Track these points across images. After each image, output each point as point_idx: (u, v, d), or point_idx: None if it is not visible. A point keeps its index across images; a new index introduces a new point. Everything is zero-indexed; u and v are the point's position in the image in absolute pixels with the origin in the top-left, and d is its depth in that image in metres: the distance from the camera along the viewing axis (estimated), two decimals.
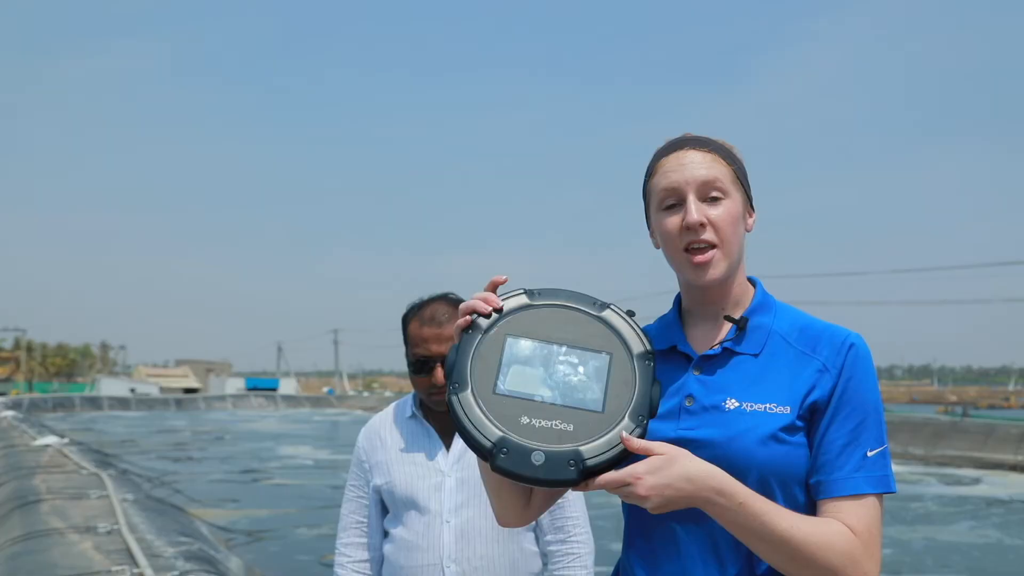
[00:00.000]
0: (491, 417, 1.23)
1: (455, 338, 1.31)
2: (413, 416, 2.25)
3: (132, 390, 71.34)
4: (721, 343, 1.40)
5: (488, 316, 1.30)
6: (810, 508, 1.32)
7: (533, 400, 1.24)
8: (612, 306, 1.33)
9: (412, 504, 2.14)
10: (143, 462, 21.19)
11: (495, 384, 1.26)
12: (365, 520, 2.26)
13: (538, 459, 1.20)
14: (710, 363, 1.40)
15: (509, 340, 1.29)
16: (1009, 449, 22.88)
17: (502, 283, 1.33)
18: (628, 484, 1.19)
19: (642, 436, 1.23)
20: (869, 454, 1.30)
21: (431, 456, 2.19)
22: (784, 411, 1.31)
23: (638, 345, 1.29)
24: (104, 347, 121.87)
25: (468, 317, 1.31)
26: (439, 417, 2.22)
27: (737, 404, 1.33)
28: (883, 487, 1.29)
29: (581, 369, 1.27)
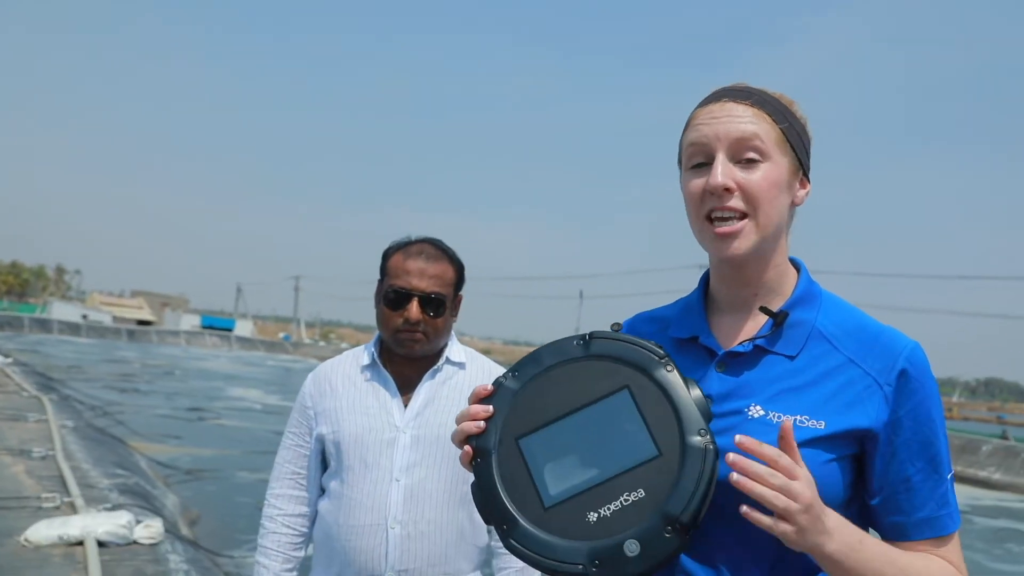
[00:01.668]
0: (559, 537, 1.05)
1: (470, 471, 1.12)
2: (372, 363, 2.09)
3: (84, 317, 70.34)
4: (752, 339, 1.20)
5: (484, 431, 1.12)
6: None
7: (588, 489, 1.06)
8: (596, 334, 1.14)
9: (360, 458, 1.99)
10: (88, 390, 20.79)
11: (540, 499, 1.07)
12: (303, 471, 2.11)
13: (633, 549, 1.02)
14: (736, 361, 1.20)
15: (522, 443, 1.10)
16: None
17: (487, 394, 1.13)
18: (785, 500, 0.98)
19: (714, 446, 1.04)
20: (946, 485, 1.16)
21: (387, 409, 2.03)
22: (817, 426, 1.13)
23: (647, 358, 1.10)
24: (59, 270, 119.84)
25: (468, 447, 1.12)
26: (401, 366, 2.07)
27: (762, 413, 1.15)
28: (960, 521, 1.16)
29: (609, 422, 1.08)
